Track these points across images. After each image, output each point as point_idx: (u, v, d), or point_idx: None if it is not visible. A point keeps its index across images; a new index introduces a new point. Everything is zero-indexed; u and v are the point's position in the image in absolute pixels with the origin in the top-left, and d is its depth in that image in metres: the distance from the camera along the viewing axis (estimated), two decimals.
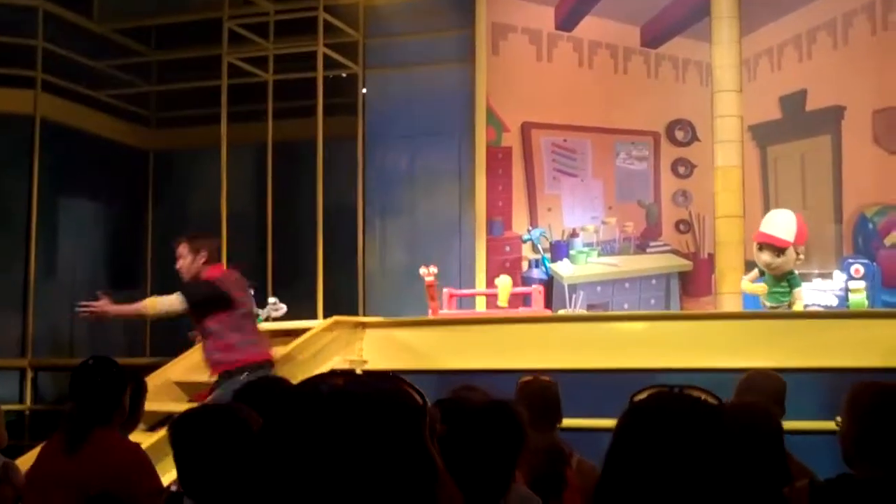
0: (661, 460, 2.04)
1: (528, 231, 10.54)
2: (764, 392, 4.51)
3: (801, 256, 8.18)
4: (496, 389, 4.37)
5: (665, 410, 2.10)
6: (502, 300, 9.21)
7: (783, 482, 3.31)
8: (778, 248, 8.14)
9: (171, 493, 3.79)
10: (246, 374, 6.87)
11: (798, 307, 8.06)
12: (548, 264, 10.38)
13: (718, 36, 10.72)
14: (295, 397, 1.67)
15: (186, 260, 7.50)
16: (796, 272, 8.23)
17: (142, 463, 4.15)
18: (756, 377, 4.87)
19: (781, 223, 8.28)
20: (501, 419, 3.00)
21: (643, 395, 2.15)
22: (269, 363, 7.36)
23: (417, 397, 1.66)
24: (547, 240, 10.59)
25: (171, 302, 7.32)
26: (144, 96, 13.34)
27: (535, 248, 10.52)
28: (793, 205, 10.21)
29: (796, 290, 8.08)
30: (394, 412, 1.61)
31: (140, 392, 4.58)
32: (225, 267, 7.96)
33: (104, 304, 7.21)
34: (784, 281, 8.14)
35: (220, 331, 7.30)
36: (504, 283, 9.21)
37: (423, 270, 8.83)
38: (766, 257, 8.22)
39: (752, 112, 10.64)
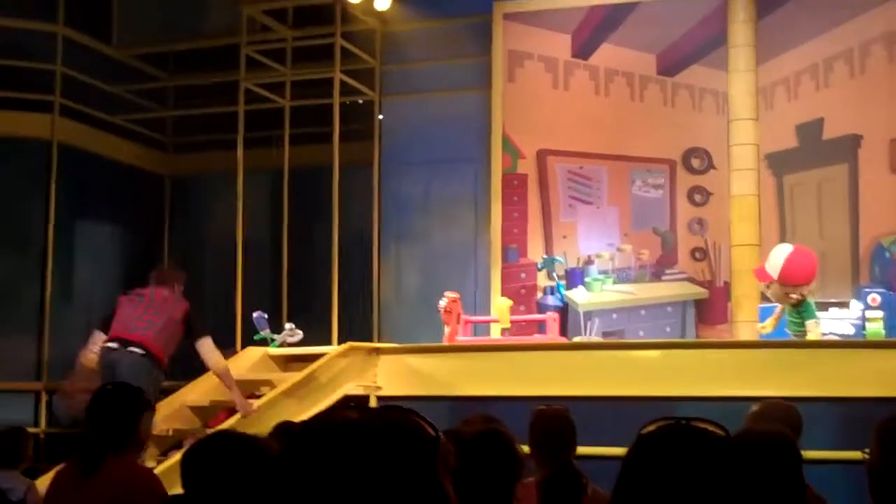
0: (667, 493, 2.04)
1: (543, 258, 10.55)
2: (778, 422, 4.47)
3: (794, 296, 8.08)
4: (510, 417, 4.37)
5: (671, 443, 2.10)
6: (504, 321, 9.22)
7: None
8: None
9: None
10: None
11: (811, 338, 8.02)
12: (563, 291, 10.38)
13: (735, 64, 10.73)
14: (310, 430, 1.67)
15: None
16: (811, 302, 8.18)
17: (155, 490, 4.15)
18: (768, 409, 4.83)
19: (771, 258, 8.29)
20: (495, 448, 2.99)
21: (651, 428, 2.14)
22: None
23: (430, 430, 1.66)
24: (562, 266, 10.59)
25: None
26: (161, 121, 13.41)
27: (549, 276, 10.52)
28: (809, 233, 10.23)
29: (808, 322, 8.04)
30: (407, 445, 1.61)
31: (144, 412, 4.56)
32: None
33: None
34: (799, 311, 8.11)
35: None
36: (502, 305, 9.22)
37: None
38: (760, 286, 8.36)
39: (769, 140, 10.62)
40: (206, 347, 7.76)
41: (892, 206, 10.16)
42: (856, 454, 3.43)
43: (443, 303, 9.09)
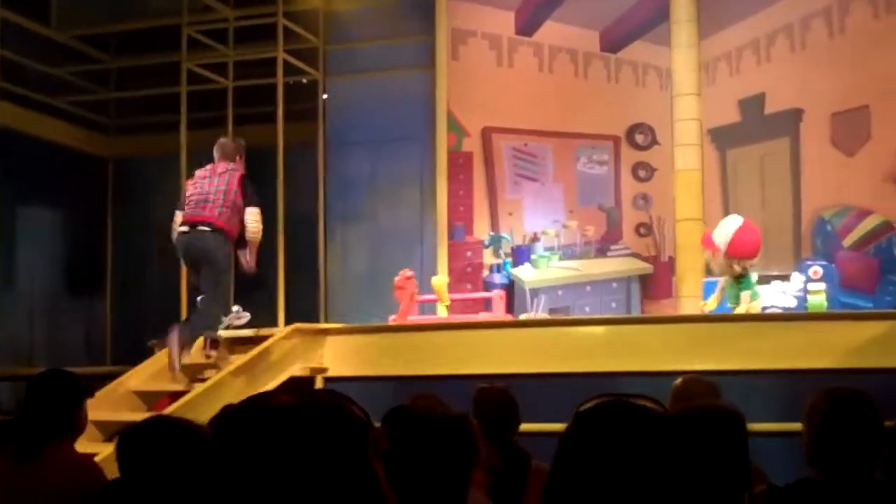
0: (603, 469, 2.04)
1: (490, 235, 10.56)
2: (702, 398, 4.49)
3: (738, 268, 8.16)
4: (456, 396, 4.37)
5: (608, 419, 2.10)
6: (444, 298, 9.22)
7: (744, 488, 3.31)
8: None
9: None
10: None
11: (740, 310, 8.10)
12: (509, 269, 10.40)
13: (677, 40, 10.77)
14: (240, 414, 1.66)
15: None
16: (752, 276, 8.26)
17: (94, 476, 4.10)
18: (691, 385, 4.86)
19: (720, 228, 8.36)
20: (454, 433, 2.98)
21: (589, 405, 2.14)
22: None
23: (361, 415, 1.65)
24: (508, 244, 10.61)
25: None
26: (103, 103, 13.26)
27: (496, 253, 10.53)
28: (752, 207, 10.31)
29: (743, 293, 8.13)
30: (337, 429, 1.60)
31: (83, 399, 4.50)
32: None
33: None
34: (740, 282, 8.19)
35: None
36: (438, 282, 9.22)
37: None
38: (707, 255, 8.38)
39: (712, 115, 10.69)
40: (251, 216, 8.37)
41: (833, 180, 10.28)
42: (796, 426, 3.46)
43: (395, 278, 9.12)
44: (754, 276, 8.29)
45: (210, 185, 8.32)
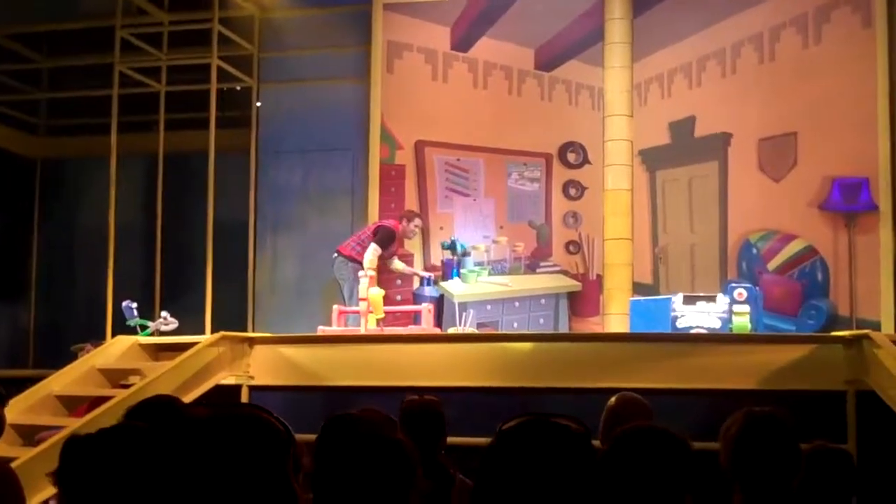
0: (523, 487, 2.06)
1: (451, 240, 10.55)
2: (633, 418, 4.50)
3: None
4: (385, 408, 4.36)
5: (529, 438, 2.12)
6: (378, 311, 9.21)
7: None
8: None
9: None
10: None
11: None
12: (454, 271, 10.45)
13: (610, 61, 10.90)
14: (161, 426, 1.66)
15: None
16: None
17: (7, 485, 4.00)
18: (626, 404, 4.87)
19: None
20: (392, 458, 2.95)
21: (511, 423, 2.16)
22: None
23: (282, 429, 1.65)
24: (465, 251, 10.60)
25: None
26: (33, 103, 13.10)
27: (454, 252, 10.51)
28: (680, 228, 10.46)
29: None
30: (255, 442, 1.61)
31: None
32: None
33: None
34: None
35: None
36: (375, 296, 9.22)
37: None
38: None
39: (643, 137, 10.81)
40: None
41: (759, 204, 10.43)
42: (716, 445, 3.50)
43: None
44: None
45: None
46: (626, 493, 2.39)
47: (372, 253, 9.66)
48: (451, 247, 10.54)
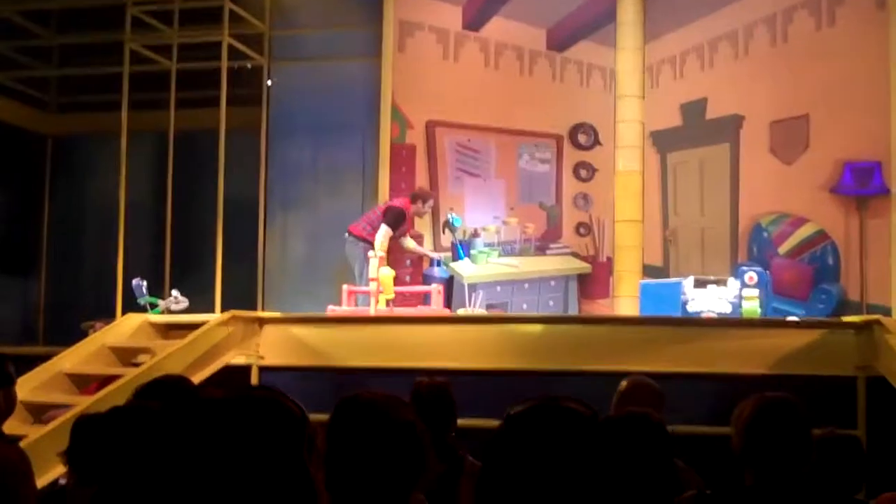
0: (532, 470, 2.06)
1: (450, 213, 10.52)
2: (644, 402, 4.52)
3: None
4: (394, 389, 4.35)
5: (538, 422, 2.11)
6: (388, 292, 9.20)
7: (672, 493, 3.33)
8: None
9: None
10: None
11: None
12: (461, 251, 10.42)
13: (623, 42, 10.85)
14: (176, 407, 1.65)
15: None
16: None
17: (17, 465, 3.98)
18: (635, 389, 4.88)
19: None
20: (405, 440, 2.94)
21: (519, 408, 2.16)
22: None
23: (297, 412, 1.65)
24: (461, 228, 10.57)
25: None
26: (44, 80, 13.09)
27: (452, 231, 10.49)
28: (691, 211, 10.43)
29: None
30: (272, 425, 1.60)
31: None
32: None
33: None
34: None
35: None
36: (385, 276, 9.21)
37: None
38: None
39: (654, 118, 10.78)
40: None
41: (770, 187, 10.39)
42: (726, 429, 3.50)
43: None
44: None
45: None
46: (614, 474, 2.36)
47: (383, 236, 9.61)
48: (448, 224, 10.51)
